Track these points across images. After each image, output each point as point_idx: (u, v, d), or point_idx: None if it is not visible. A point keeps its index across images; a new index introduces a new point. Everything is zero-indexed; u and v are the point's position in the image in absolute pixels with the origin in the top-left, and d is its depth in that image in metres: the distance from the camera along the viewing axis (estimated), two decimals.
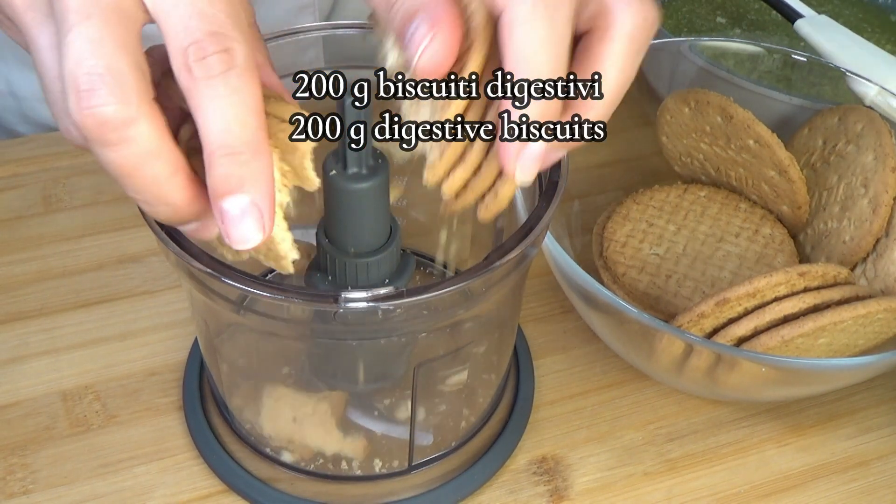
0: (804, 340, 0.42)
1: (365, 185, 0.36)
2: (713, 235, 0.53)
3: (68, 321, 0.51)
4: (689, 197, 0.56)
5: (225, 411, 0.45)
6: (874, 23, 0.75)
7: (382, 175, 0.36)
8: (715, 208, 0.55)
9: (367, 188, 0.36)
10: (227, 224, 0.28)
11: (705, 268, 0.52)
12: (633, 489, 0.46)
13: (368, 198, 0.36)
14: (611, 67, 0.32)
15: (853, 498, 0.46)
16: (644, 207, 0.55)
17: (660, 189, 0.56)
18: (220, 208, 0.28)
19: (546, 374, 0.50)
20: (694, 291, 0.51)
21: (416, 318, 0.36)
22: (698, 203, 0.55)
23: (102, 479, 0.44)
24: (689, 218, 0.54)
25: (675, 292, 0.51)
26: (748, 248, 0.53)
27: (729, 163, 0.53)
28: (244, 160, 0.28)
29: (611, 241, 0.53)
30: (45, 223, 0.56)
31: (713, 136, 0.53)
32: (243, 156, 0.28)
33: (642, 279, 0.51)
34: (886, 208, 0.49)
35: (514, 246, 0.34)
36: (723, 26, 0.73)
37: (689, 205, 0.55)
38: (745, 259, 0.52)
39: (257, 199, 0.28)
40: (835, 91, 0.56)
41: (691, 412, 0.49)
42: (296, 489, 0.43)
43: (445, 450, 0.44)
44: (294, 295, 0.33)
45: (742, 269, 0.52)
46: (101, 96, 0.27)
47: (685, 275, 0.51)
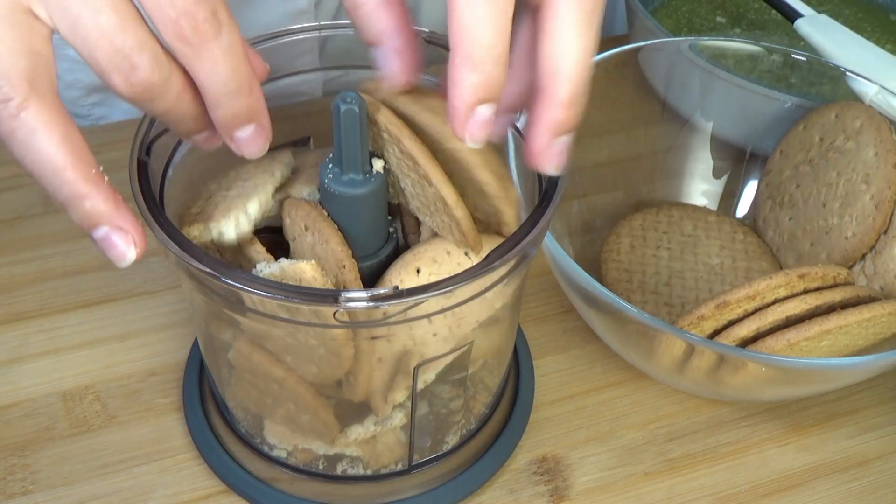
0: (808, 343, 0.42)
1: (361, 192, 0.36)
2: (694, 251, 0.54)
3: (68, 321, 0.51)
4: (663, 218, 0.55)
5: (225, 411, 0.45)
6: (874, 22, 0.75)
7: (379, 180, 0.36)
8: (689, 225, 0.55)
9: (363, 194, 0.36)
10: (241, 146, 0.34)
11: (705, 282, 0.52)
12: (633, 489, 0.46)
13: (365, 203, 0.36)
14: (562, 40, 0.32)
15: (853, 497, 0.46)
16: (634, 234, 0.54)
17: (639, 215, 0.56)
18: (233, 137, 0.34)
19: (546, 374, 0.50)
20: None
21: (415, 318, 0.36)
22: (674, 223, 0.55)
23: (102, 480, 0.44)
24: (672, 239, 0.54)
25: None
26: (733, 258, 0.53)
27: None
28: (244, 98, 0.33)
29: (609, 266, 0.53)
30: (45, 223, 0.56)
31: None
32: (242, 95, 0.32)
33: (647, 300, 0.51)
34: (889, 204, 0.49)
35: (513, 246, 0.34)
36: (722, 26, 0.73)
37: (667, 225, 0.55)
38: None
39: (261, 121, 0.34)
40: (834, 90, 0.56)
41: (691, 412, 0.49)
42: (296, 489, 0.43)
43: (445, 450, 0.44)
44: (294, 294, 0.33)
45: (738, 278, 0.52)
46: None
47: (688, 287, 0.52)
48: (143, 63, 0.30)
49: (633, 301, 0.51)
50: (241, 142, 0.34)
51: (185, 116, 0.33)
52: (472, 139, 0.32)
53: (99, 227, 0.33)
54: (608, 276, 0.52)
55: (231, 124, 0.33)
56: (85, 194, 0.32)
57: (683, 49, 0.56)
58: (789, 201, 0.54)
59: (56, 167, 0.31)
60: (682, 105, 0.58)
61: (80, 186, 0.32)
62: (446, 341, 0.38)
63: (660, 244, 0.54)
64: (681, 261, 0.53)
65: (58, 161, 0.31)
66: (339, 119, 0.34)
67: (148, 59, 0.31)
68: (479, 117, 0.32)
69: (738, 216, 0.58)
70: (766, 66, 0.58)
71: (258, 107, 0.34)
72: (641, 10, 0.63)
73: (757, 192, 0.57)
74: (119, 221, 0.33)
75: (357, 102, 0.33)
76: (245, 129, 0.34)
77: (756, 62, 0.58)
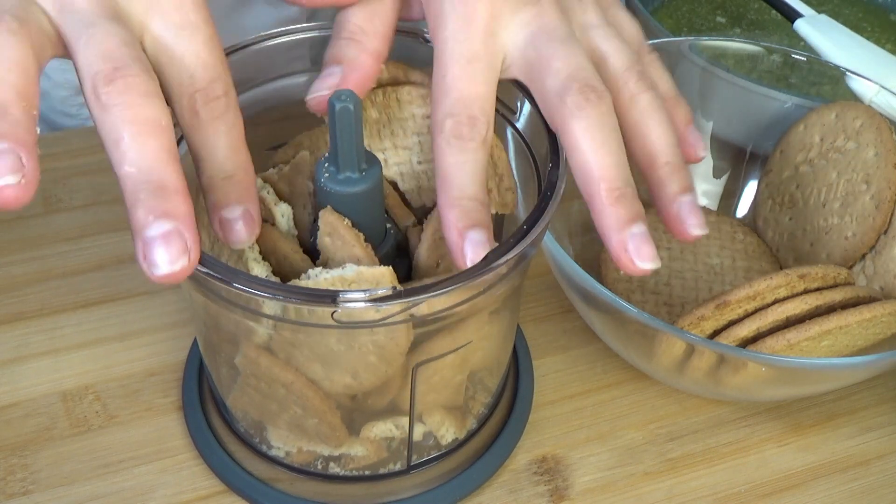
0: (808, 343, 0.42)
1: (357, 189, 0.36)
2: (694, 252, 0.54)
3: (68, 321, 0.51)
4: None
5: (224, 411, 0.45)
6: (874, 22, 0.75)
7: (374, 179, 0.36)
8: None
9: (359, 192, 0.36)
10: (225, 230, 0.34)
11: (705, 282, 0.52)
12: (633, 489, 0.46)
13: (362, 201, 0.36)
14: (583, 151, 0.36)
15: (853, 497, 0.46)
16: None
17: None
18: (219, 218, 0.34)
19: (546, 373, 0.50)
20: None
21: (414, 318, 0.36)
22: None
23: (102, 480, 0.44)
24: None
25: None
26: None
27: None
28: (238, 180, 0.34)
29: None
30: (45, 223, 0.56)
31: None
32: (237, 177, 0.34)
33: (647, 300, 0.51)
34: (889, 204, 0.49)
35: (513, 246, 0.34)
36: (722, 26, 0.73)
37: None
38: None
39: (249, 207, 0.34)
40: (835, 90, 0.56)
41: (691, 412, 0.49)
42: (295, 489, 0.43)
43: (445, 449, 0.44)
44: (292, 294, 0.33)
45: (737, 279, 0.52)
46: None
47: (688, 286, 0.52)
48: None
49: (633, 301, 0.51)
50: (227, 224, 0.34)
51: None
52: (471, 261, 0.34)
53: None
54: (608, 276, 0.52)
55: (220, 203, 0.34)
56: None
57: (683, 49, 0.56)
58: (789, 201, 0.54)
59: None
60: None
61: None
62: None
63: (659, 244, 0.54)
64: (681, 260, 0.53)
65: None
66: (333, 117, 0.34)
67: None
68: (470, 241, 0.35)
69: (738, 216, 0.58)
70: (766, 66, 0.58)
71: (250, 192, 0.34)
72: (642, 10, 0.63)
73: (757, 192, 0.57)
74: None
75: (351, 100, 0.33)
76: (230, 209, 0.34)
77: (756, 62, 0.58)
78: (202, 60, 0.33)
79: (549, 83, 0.36)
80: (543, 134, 0.38)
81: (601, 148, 0.35)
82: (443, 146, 0.36)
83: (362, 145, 0.35)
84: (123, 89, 0.30)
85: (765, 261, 0.54)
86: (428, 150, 0.40)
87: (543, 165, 0.39)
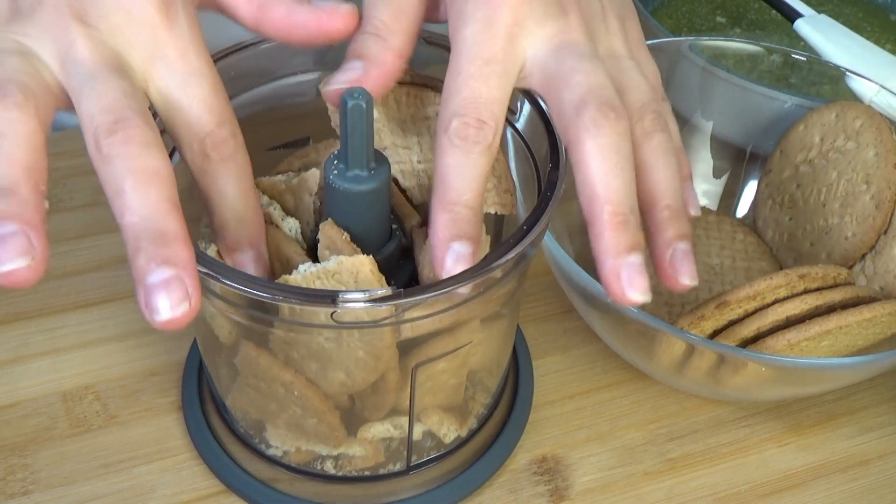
0: (808, 343, 0.42)
1: (365, 188, 0.36)
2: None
3: (68, 321, 0.51)
4: None
5: (224, 411, 0.45)
6: (874, 22, 0.75)
7: (383, 177, 0.36)
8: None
9: (368, 190, 0.36)
10: (238, 265, 0.36)
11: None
12: (633, 489, 0.46)
13: (369, 200, 0.36)
14: (591, 169, 0.34)
15: (853, 497, 0.46)
16: None
17: None
18: (233, 259, 0.36)
19: (546, 373, 0.50)
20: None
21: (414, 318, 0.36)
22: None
23: (102, 480, 0.44)
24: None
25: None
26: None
27: None
28: (249, 221, 0.36)
29: None
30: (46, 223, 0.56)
31: None
32: (248, 218, 0.35)
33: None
34: (889, 204, 0.49)
35: (513, 246, 0.34)
36: (722, 26, 0.73)
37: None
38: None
39: (259, 248, 0.36)
40: (835, 90, 0.56)
41: (691, 412, 0.49)
42: (295, 489, 0.43)
43: (444, 450, 0.44)
44: (292, 295, 0.33)
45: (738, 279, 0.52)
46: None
47: None
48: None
49: None
50: (237, 261, 0.36)
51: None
52: (447, 273, 0.34)
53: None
54: None
55: (231, 245, 0.36)
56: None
57: (683, 49, 0.56)
58: (789, 201, 0.54)
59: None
60: (681, 105, 0.58)
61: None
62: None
63: None
64: None
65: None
66: (345, 115, 0.34)
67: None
68: (453, 252, 0.34)
69: (738, 216, 0.58)
70: (766, 66, 0.58)
71: (260, 234, 0.36)
72: (641, 9, 0.63)
73: (757, 192, 0.57)
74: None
75: (364, 98, 0.33)
76: (242, 254, 0.36)
77: (756, 62, 0.58)
78: (209, 106, 0.33)
79: (567, 95, 0.35)
80: (543, 134, 0.38)
81: (613, 170, 0.34)
82: (445, 145, 0.34)
83: (372, 144, 0.35)
84: (124, 140, 0.30)
85: (765, 261, 0.54)
86: (428, 150, 0.40)
87: (543, 166, 0.39)
